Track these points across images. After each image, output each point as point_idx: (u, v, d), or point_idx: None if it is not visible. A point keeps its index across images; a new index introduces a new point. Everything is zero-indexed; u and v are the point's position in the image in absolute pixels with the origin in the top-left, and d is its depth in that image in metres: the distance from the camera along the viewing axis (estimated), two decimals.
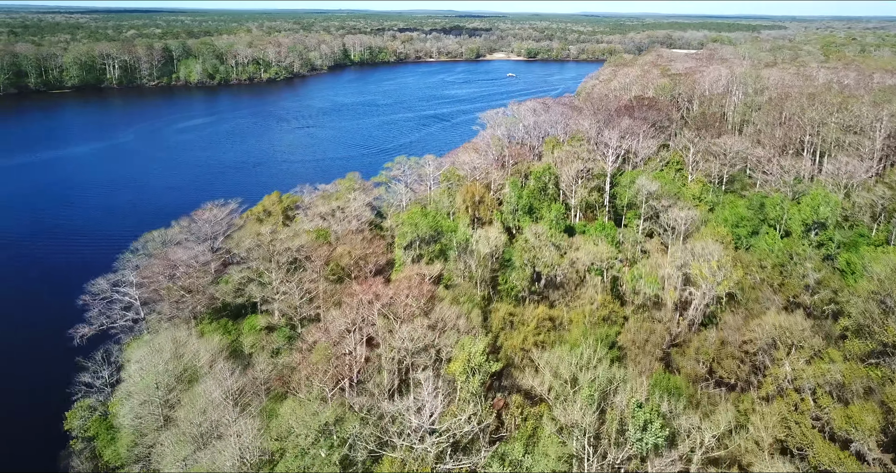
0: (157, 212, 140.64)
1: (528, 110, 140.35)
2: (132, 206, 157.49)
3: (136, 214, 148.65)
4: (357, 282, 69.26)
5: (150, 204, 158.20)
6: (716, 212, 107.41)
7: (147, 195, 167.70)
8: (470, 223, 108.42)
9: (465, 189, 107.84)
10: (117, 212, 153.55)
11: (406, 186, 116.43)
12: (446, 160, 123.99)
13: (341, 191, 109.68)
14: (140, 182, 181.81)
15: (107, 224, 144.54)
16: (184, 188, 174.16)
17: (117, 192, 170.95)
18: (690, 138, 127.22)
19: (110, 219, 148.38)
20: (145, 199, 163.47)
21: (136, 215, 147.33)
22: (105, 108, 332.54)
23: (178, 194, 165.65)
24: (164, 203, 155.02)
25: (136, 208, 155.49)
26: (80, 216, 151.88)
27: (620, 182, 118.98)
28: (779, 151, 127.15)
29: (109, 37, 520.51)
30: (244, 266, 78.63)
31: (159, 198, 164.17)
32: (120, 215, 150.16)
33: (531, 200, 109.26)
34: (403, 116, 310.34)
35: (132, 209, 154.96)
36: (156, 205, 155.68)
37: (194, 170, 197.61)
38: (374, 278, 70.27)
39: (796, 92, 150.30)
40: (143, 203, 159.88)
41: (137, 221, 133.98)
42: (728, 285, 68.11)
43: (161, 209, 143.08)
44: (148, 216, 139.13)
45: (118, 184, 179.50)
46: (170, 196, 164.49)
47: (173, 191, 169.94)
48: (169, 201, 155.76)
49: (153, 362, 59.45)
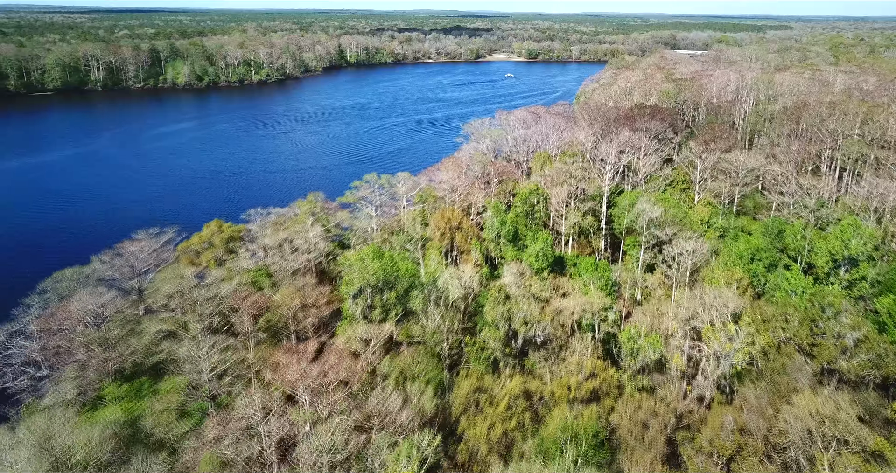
0: (107, 232, 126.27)
1: (518, 121, 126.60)
2: (81, 224, 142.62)
3: (79, 236, 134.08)
4: (285, 351, 55.72)
5: (103, 221, 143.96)
6: (727, 242, 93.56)
7: (103, 210, 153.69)
8: (445, 254, 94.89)
9: (441, 214, 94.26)
10: (60, 232, 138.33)
11: (376, 209, 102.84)
12: (423, 177, 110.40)
13: (300, 214, 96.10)
14: (101, 194, 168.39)
15: (37, 250, 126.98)
16: (147, 202, 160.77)
17: (71, 206, 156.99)
18: (697, 153, 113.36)
19: (46, 242, 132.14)
20: (100, 215, 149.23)
21: (79, 237, 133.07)
22: (85, 112, 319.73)
23: (138, 210, 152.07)
24: (119, 220, 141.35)
25: (85, 227, 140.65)
26: (11, 238, 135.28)
27: (619, 203, 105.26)
28: (796, 168, 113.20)
29: (100, 37, 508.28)
30: (164, 315, 65.27)
31: (116, 213, 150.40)
32: (60, 236, 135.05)
33: (516, 226, 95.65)
34: (395, 121, 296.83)
35: (79, 228, 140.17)
36: (110, 222, 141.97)
37: (164, 180, 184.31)
38: (309, 341, 56.74)
39: (814, 100, 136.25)
40: (96, 220, 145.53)
41: (76, 246, 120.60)
42: (747, 353, 54.40)
43: (113, 228, 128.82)
44: (95, 238, 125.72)
45: (75, 196, 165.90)
46: (128, 212, 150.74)
47: (134, 206, 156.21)
48: (125, 218, 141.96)
49: (5, 459, 46.06)
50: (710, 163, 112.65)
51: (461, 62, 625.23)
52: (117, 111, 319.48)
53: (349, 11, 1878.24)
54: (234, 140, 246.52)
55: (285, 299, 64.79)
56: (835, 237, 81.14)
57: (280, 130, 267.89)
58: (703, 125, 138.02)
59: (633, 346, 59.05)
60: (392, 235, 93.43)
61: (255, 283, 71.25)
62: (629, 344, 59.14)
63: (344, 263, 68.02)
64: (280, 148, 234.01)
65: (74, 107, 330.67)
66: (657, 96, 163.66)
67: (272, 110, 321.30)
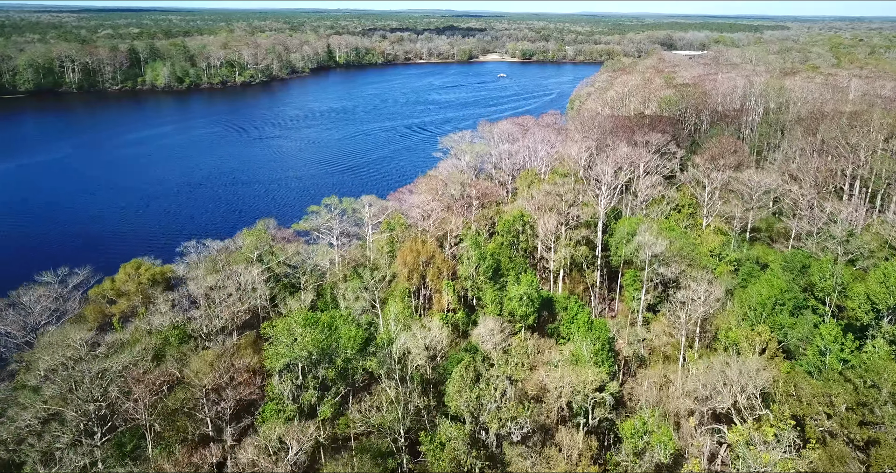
0: (19, 266, 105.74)
1: (502, 133, 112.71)
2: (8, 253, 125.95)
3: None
4: (187, 450, 41.85)
5: (18, 251, 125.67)
6: (742, 278, 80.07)
7: (42, 233, 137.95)
8: (415, 292, 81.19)
9: (408, 247, 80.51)
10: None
11: (336, 238, 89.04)
12: (394, 199, 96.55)
13: (244, 248, 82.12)
14: (47, 212, 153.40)
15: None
16: (86, 223, 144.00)
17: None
18: (705, 171, 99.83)
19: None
20: (20, 242, 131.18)
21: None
22: (57, 116, 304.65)
23: (69, 235, 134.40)
24: (39, 249, 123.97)
25: (10, 256, 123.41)
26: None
27: (616, 230, 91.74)
28: (817, 188, 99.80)
29: (81, 37, 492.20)
30: (39, 398, 51.21)
31: (42, 239, 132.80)
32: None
33: (498, 259, 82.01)
34: (381, 126, 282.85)
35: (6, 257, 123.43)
36: (27, 252, 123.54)
37: (120, 194, 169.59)
38: (225, 430, 42.88)
39: (830, 109, 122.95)
40: (10, 249, 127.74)
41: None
42: (794, 467, 40.77)
43: (29, 260, 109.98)
44: (19, 268, 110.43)
45: (9, 215, 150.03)
46: (57, 237, 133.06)
47: (67, 230, 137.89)
48: (48, 246, 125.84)
49: None
50: (719, 183, 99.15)
51: (453, 63, 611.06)
52: (90, 115, 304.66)
53: (343, 11, 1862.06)
54: (207, 147, 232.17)
55: (199, 373, 51.13)
56: (876, 281, 67.66)
57: (258, 136, 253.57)
58: (709, 137, 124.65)
59: (636, 443, 45.60)
60: (350, 276, 79.50)
61: (165, 348, 57.42)
62: (633, 441, 45.70)
63: (268, 331, 54.34)
64: (255, 156, 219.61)
65: (46, 110, 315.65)
66: (657, 103, 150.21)
67: (253, 114, 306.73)
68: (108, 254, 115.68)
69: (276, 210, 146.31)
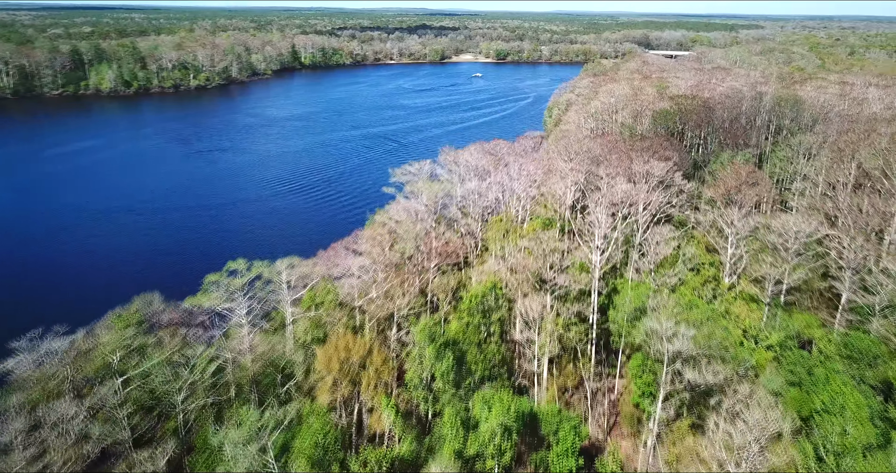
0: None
1: (469, 166, 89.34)
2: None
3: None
4: None
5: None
6: (787, 370, 58.18)
7: None
8: (343, 404, 58.13)
9: (332, 346, 57.26)
10: None
11: (246, 314, 65.36)
12: (324, 260, 72.94)
13: (108, 341, 58.15)
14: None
15: None
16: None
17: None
18: (728, 217, 77.86)
19: None
20: None
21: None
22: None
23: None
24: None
25: None
26: None
27: (616, 303, 69.48)
28: (866, 236, 78.64)
29: (26, 37, 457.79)
30: None
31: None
32: None
33: (460, 352, 59.16)
34: (344, 135, 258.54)
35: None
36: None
37: (33, 224, 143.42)
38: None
39: (863, 129, 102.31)
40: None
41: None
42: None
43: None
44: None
45: None
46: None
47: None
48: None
49: None
50: (745, 231, 77.37)
51: (425, 63, 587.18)
52: (19, 125, 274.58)
53: (315, 9, 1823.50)
54: (140, 163, 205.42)
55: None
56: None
57: (202, 148, 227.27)
58: (720, 163, 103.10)
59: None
60: (254, 381, 56.00)
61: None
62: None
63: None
64: (196, 173, 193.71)
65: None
66: (652, 117, 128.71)
67: (202, 122, 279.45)
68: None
69: (190, 258, 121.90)
